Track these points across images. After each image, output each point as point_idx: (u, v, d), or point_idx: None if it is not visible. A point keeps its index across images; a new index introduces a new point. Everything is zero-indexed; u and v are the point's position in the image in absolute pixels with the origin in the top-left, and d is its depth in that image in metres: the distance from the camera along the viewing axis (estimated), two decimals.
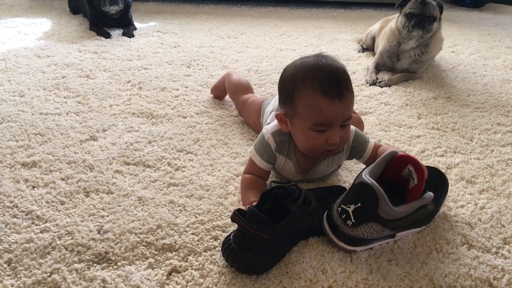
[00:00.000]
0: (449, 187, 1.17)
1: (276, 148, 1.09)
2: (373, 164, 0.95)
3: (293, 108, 1.01)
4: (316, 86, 0.97)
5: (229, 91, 1.57)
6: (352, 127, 1.11)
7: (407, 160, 0.95)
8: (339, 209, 0.91)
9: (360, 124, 1.34)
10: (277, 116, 1.08)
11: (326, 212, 0.96)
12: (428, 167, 1.05)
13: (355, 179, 0.94)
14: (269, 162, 1.10)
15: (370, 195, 0.87)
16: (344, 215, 0.90)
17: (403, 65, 2.00)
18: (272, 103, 1.30)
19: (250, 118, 1.43)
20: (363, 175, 0.90)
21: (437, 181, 1.07)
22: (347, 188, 0.96)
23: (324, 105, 0.97)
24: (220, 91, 1.64)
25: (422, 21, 1.88)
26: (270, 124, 1.14)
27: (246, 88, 1.53)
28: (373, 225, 0.89)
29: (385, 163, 0.96)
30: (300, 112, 1.00)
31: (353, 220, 0.89)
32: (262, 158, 1.09)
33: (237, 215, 0.85)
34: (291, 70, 1.03)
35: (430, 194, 0.92)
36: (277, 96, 1.33)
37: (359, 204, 0.88)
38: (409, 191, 0.94)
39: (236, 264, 0.86)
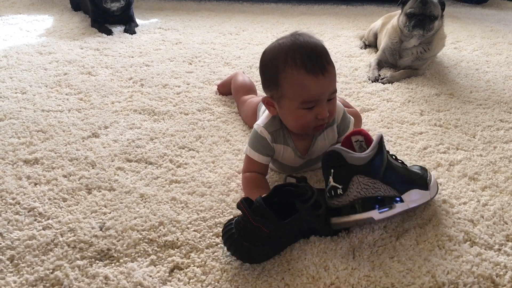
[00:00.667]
0: (452, 183, 1.17)
1: (272, 139, 1.10)
2: None
3: (279, 90, 1.03)
4: (299, 65, 0.99)
5: (233, 91, 1.59)
6: (339, 105, 1.14)
7: (348, 136, 1.01)
8: (327, 193, 0.94)
9: (358, 119, 1.34)
10: (263, 100, 1.09)
11: (329, 211, 0.95)
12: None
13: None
14: (267, 155, 1.10)
15: (334, 156, 0.92)
16: (332, 191, 0.92)
17: (405, 62, 1.99)
18: None
19: (247, 117, 1.44)
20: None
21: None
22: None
23: (310, 82, 0.98)
24: (226, 89, 1.66)
25: (423, 21, 1.87)
26: (259, 119, 1.15)
27: (248, 89, 1.55)
28: (358, 177, 0.90)
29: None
30: (287, 93, 1.01)
31: (339, 186, 0.91)
32: (259, 153, 1.10)
33: (243, 204, 0.86)
34: (271, 53, 1.05)
35: (378, 133, 0.96)
36: None
37: (333, 170, 0.92)
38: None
39: (232, 249, 0.86)
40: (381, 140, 0.95)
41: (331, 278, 0.86)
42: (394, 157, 1.03)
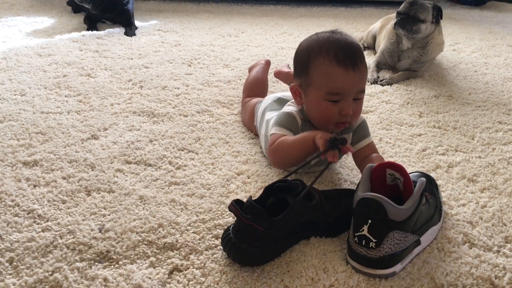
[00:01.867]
0: (451, 185, 1.17)
1: (301, 126, 1.11)
2: (359, 183, 0.93)
3: (308, 77, 1.05)
4: (331, 55, 1.01)
5: (244, 84, 1.60)
6: (362, 115, 1.15)
7: (384, 166, 0.93)
8: (356, 239, 0.87)
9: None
10: (291, 88, 1.11)
11: (346, 253, 0.91)
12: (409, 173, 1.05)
13: (353, 205, 0.90)
14: (293, 133, 1.09)
15: (374, 206, 0.85)
16: (364, 241, 0.86)
17: (404, 65, 2.00)
18: (263, 104, 1.31)
19: (245, 118, 1.44)
20: (358, 194, 0.89)
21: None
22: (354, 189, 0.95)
23: (339, 73, 1.01)
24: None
25: (404, 20, 1.88)
26: (288, 107, 1.15)
27: (256, 90, 1.54)
28: (394, 233, 0.85)
29: (368, 177, 0.93)
30: (315, 82, 1.04)
31: (373, 240, 0.85)
32: (287, 129, 1.09)
33: (234, 205, 0.86)
34: (307, 43, 1.09)
35: (421, 179, 0.90)
36: (266, 97, 1.34)
37: (370, 221, 0.85)
38: (402, 191, 0.92)
39: (232, 254, 0.86)
40: (423, 189, 0.89)
41: (331, 280, 0.86)
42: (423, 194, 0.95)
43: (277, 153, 1.07)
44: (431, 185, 1.06)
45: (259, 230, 0.84)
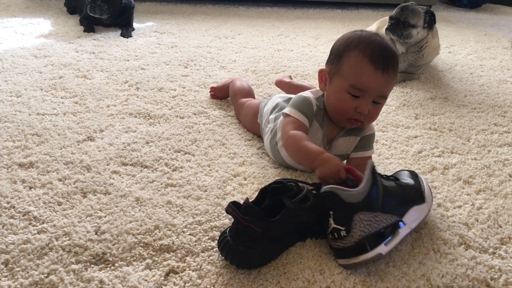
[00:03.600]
0: (447, 187, 1.17)
1: (315, 112, 1.12)
2: None
3: (338, 65, 1.08)
4: (367, 52, 1.04)
5: (230, 94, 1.60)
6: (373, 127, 1.19)
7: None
8: (330, 236, 0.90)
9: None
10: (320, 72, 1.14)
11: (333, 250, 0.92)
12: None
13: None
14: (308, 119, 1.11)
15: (329, 197, 0.89)
16: (336, 233, 0.88)
17: (400, 68, 1.99)
18: (270, 103, 1.31)
19: (246, 119, 1.44)
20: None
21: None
22: None
23: (367, 70, 1.03)
24: (222, 93, 1.65)
25: (395, 25, 1.89)
26: (307, 92, 1.17)
27: (246, 93, 1.55)
28: (359, 215, 0.87)
29: None
30: (343, 71, 1.06)
31: (342, 228, 0.87)
32: (303, 114, 1.11)
33: (231, 207, 0.86)
34: (349, 35, 1.11)
35: (370, 161, 0.93)
36: (274, 96, 1.34)
37: (332, 212, 0.89)
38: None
39: (229, 257, 0.86)
40: (373, 169, 0.92)
41: (327, 282, 0.86)
42: (385, 176, 1.01)
43: (288, 148, 1.09)
44: (414, 176, 1.07)
45: (256, 231, 0.84)
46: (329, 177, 0.93)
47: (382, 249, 0.88)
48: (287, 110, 1.14)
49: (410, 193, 0.99)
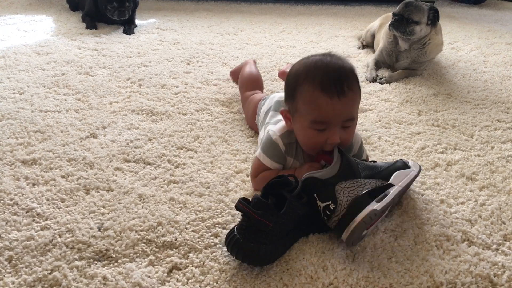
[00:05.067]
0: (450, 183, 1.17)
1: (285, 150, 1.08)
2: None
3: (294, 104, 1.02)
4: (316, 82, 0.97)
5: (239, 84, 1.59)
6: (358, 135, 1.12)
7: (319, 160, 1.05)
8: (326, 218, 0.93)
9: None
10: (282, 113, 1.08)
11: (334, 232, 0.95)
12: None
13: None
14: (280, 164, 1.09)
15: (307, 183, 0.94)
16: (327, 211, 0.92)
17: (402, 65, 2.00)
18: (267, 103, 1.31)
19: (247, 115, 1.43)
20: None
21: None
22: None
23: (323, 102, 0.96)
24: (237, 76, 1.65)
25: (398, 22, 1.88)
26: (276, 126, 1.12)
27: (253, 82, 1.54)
28: (339, 186, 0.92)
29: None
30: (300, 109, 1.00)
31: (329, 203, 0.91)
32: (272, 160, 1.09)
33: (242, 203, 0.86)
34: (296, 67, 1.04)
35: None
36: (271, 96, 1.34)
37: (315, 194, 0.93)
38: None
39: (240, 255, 0.86)
40: (338, 148, 0.99)
41: (330, 278, 0.86)
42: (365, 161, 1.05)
43: (258, 185, 1.09)
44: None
45: (268, 225, 0.85)
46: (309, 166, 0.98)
47: (374, 205, 0.90)
48: (257, 153, 1.11)
49: (393, 165, 1.03)
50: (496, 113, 1.63)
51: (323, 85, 0.96)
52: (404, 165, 1.05)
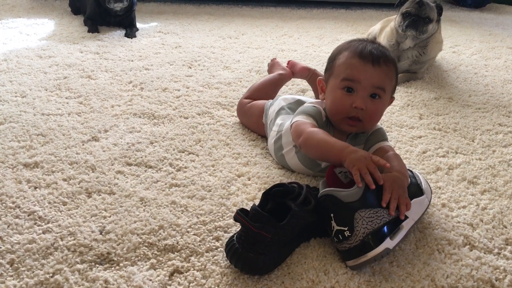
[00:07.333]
0: (451, 187, 1.17)
1: (324, 122, 1.12)
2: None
3: (331, 69, 1.11)
4: (356, 50, 1.07)
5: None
6: (380, 126, 1.16)
7: (331, 168, 1.00)
8: (335, 239, 0.90)
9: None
10: (319, 82, 1.17)
11: (340, 253, 0.92)
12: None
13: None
14: (317, 126, 1.09)
15: (327, 200, 0.90)
16: (340, 235, 0.88)
17: (403, 66, 2.00)
18: (276, 104, 1.31)
19: (251, 119, 1.42)
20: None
21: None
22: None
23: (357, 63, 1.05)
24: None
25: (417, 22, 1.89)
26: (309, 102, 1.21)
27: (260, 95, 1.48)
28: (360, 213, 0.87)
29: (324, 185, 0.99)
30: (336, 70, 1.09)
31: (345, 228, 0.87)
32: (314, 120, 1.10)
33: (240, 215, 0.85)
34: (341, 44, 1.15)
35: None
36: (280, 98, 1.34)
37: (332, 214, 0.89)
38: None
39: (240, 265, 0.85)
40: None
41: (331, 282, 0.86)
42: None
43: (307, 143, 1.04)
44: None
45: (267, 237, 0.84)
46: (360, 163, 0.91)
47: (388, 243, 0.88)
48: (296, 117, 1.11)
49: (409, 189, 0.99)
50: (497, 117, 1.63)
51: (361, 53, 1.06)
52: (417, 187, 1.01)
